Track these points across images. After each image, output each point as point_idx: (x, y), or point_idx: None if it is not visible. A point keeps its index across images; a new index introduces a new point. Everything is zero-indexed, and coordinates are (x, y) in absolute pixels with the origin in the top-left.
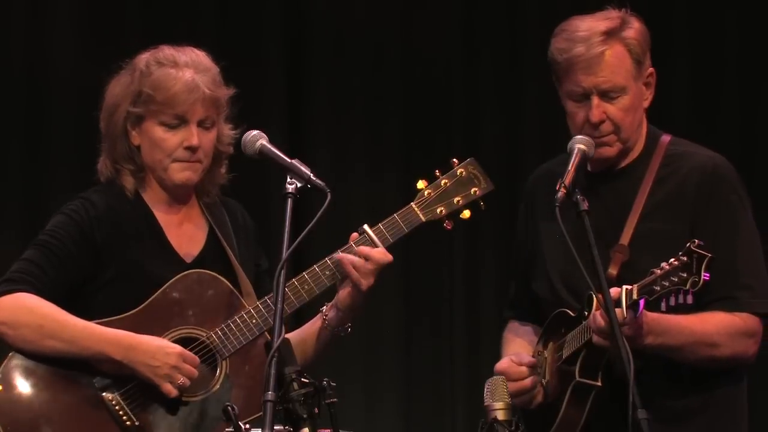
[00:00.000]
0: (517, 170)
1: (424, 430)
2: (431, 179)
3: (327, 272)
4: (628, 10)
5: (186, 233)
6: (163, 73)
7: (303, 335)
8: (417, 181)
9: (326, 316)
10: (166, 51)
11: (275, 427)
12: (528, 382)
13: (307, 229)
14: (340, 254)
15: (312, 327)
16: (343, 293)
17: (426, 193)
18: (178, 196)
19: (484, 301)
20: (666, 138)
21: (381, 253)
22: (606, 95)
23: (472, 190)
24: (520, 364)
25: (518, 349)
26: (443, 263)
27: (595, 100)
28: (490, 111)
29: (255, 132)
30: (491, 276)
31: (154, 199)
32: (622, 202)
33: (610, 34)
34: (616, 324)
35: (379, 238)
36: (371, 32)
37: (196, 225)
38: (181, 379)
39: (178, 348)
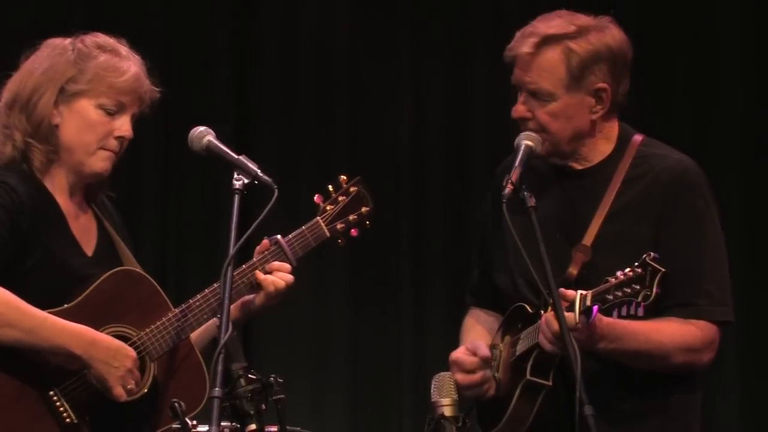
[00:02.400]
0: (463, 169)
1: (371, 427)
2: (325, 195)
3: (245, 280)
4: (611, 19)
5: (83, 225)
6: (111, 58)
7: (202, 333)
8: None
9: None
10: (102, 37)
11: (222, 424)
12: (478, 376)
13: (253, 226)
14: (258, 274)
15: (209, 328)
16: (256, 298)
17: (327, 208)
18: (77, 186)
19: (432, 297)
20: (638, 138)
21: (287, 272)
22: (534, 95)
23: (363, 208)
24: (475, 355)
25: (477, 337)
26: (390, 261)
27: (522, 96)
28: (436, 109)
29: (202, 128)
30: (440, 273)
31: (55, 186)
32: (589, 201)
33: (551, 40)
34: (565, 324)
35: (290, 251)
36: (318, 28)
37: (88, 218)
38: (131, 384)
39: (133, 353)
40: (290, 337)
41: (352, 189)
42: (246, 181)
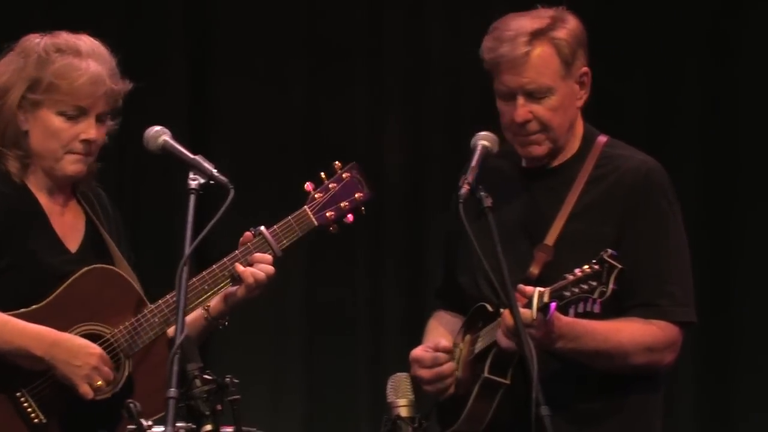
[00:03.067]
0: (421, 170)
1: (327, 427)
2: (317, 182)
3: (225, 272)
4: (565, 8)
5: (67, 222)
6: (67, 62)
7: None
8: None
9: (209, 307)
10: (65, 37)
11: (177, 424)
12: (439, 369)
13: (209, 226)
14: (238, 267)
15: (192, 317)
16: (238, 290)
17: (316, 196)
18: (60, 184)
19: (388, 297)
20: (602, 139)
21: (268, 263)
22: (532, 95)
23: (357, 194)
24: (436, 350)
25: (439, 338)
26: (347, 260)
27: (520, 100)
28: (395, 108)
29: (158, 127)
30: (394, 273)
31: (37, 186)
32: (553, 201)
33: (537, 34)
34: (520, 322)
35: (275, 241)
36: (276, 25)
37: (75, 214)
38: (99, 382)
39: (99, 349)
40: (246, 337)
41: (345, 175)
42: (202, 180)
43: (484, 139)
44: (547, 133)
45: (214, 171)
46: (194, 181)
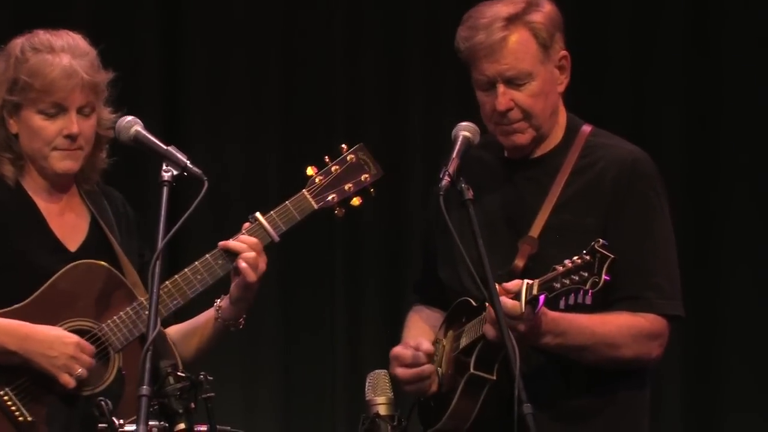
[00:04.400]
0: (401, 161)
1: (303, 426)
2: (320, 166)
3: (220, 261)
4: None
5: (68, 222)
6: (39, 59)
7: (194, 326)
8: (306, 168)
9: (220, 308)
10: (42, 36)
11: (150, 423)
12: (423, 369)
13: (183, 219)
14: (229, 242)
15: (204, 318)
16: (236, 285)
17: (317, 179)
18: (58, 184)
19: (366, 292)
20: (587, 128)
21: (255, 245)
22: (512, 82)
23: (363, 176)
24: (417, 350)
25: (420, 333)
26: (323, 254)
27: (501, 88)
28: (373, 100)
29: (129, 118)
30: (372, 268)
31: (34, 187)
32: (537, 192)
33: (512, 19)
34: (502, 316)
35: (271, 226)
36: (250, 14)
37: (77, 214)
38: (79, 370)
39: (75, 337)
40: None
41: (350, 157)
42: (175, 172)
43: (465, 130)
44: (529, 121)
45: (188, 162)
46: (167, 172)
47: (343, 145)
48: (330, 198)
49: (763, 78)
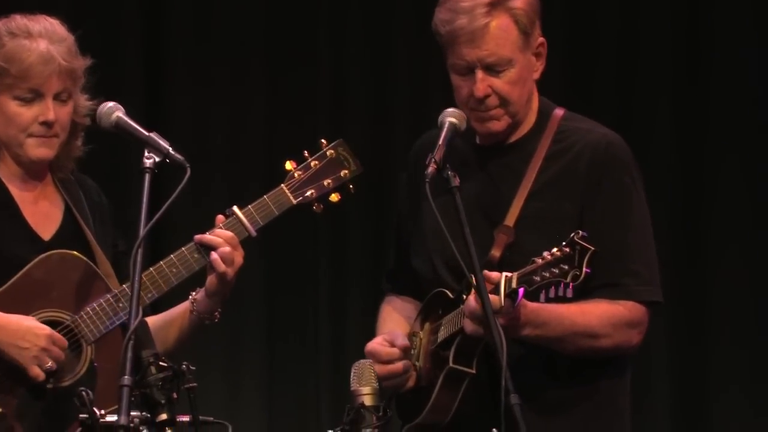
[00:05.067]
0: (386, 151)
1: (287, 417)
2: (299, 160)
3: (195, 255)
4: None
5: (41, 210)
6: (16, 44)
7: (169, 318)
8: (284, 161)
9: (195, 300)
10: (19, 20)
11: (132, 413)
12: (399, 366)
13: (165, 206)
14: (205, 236)
15: (179, 310)
16: (212, 278)
17: (296, 174)
18: (33, 171)
19: (350, 284)
20: (559, 112)
21: (231, 240)
22: (491, 69)
23: (342, 172)
24: (393, 346)
25: (394, 326)
26: (307, 246)
27: (479, 74)
28: (357, 89)
29: (111, 104)
30: (357, 259)
31: (8, 174)
32: (510, 179)
33: (495, 5)
34: (489, 308)
35: (248, 221)
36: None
37: (51, 202)
38: (50, 363)
39: (47, 329)
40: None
41: (329, 152)
42: (157, 159)
43: (451, 116)
44: (506, 108)
45: (170, 149)
46: (149, 159)
47: (323, 140)
48: (309, 193)
49: (752, 63)
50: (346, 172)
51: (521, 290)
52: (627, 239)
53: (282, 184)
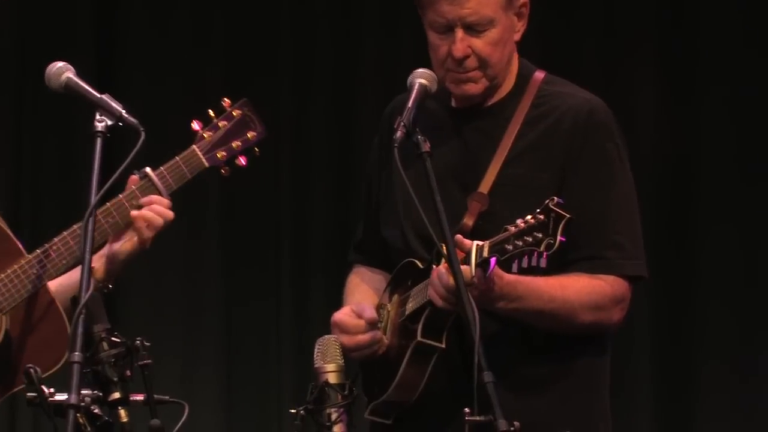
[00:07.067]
0: (351, 115)
1: (246, 396)
2: (206, 121)
3: (110, 220)
4: None
5: None
6: None
7: (65, 284)
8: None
9: (92, 267)
10: None
11: (82, 392)
12: (366, 337)
13: (118, 172)
14: (132, 212)
15: (74, 277)
16: (124, 244)
17: (205, 135)
18: None
19: (313, 257)
20: (540, 75)
21: (166, 207)
22: (471, 28)
23: (249, 134)
24: (360, 317)
25: (362, 297)
26: (267, 216)
27: (459, 33)
28: (321, 48)
29: (60, 64)
30: (321, 232)
31: None
32: (486, 145)
33: None
34: (461, 279)
35: (162, 184)
36: None
37: None
38: None
39: None
40: (158, 297)
41: (235, 113)
42: (109, 122)
43: (421, 77)
44: (484, 70)
45: (123, 111)
46: (101, 123)
47: (226, 100)
48: (219, 155)
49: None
50: (254, 134)
51: (493, 260)
52: (609, 209)
53: (193, 145)
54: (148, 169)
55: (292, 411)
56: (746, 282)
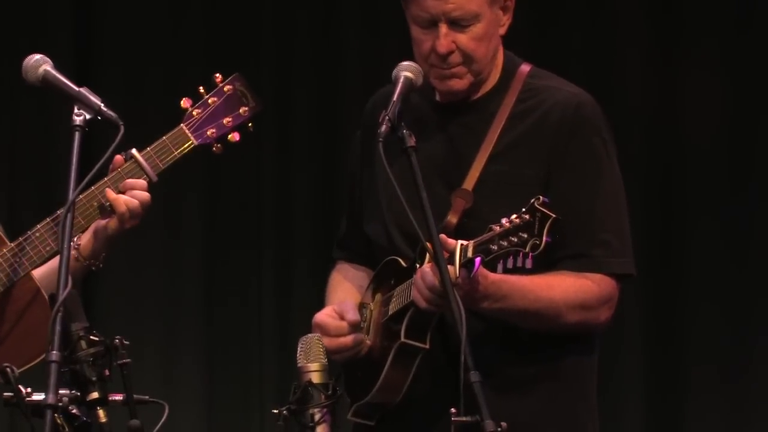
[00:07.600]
0: (335, 109)
1: (228, 396)
2: (196, 98)
3: (95, 203)
4: None
5: None
6: None
7: (52, 268)
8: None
9: (78, 245)
10: None
11: (60, 392)
12: (349, 339)
13: (97, 167)
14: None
15: (56, 265)
16: (109, 223)
17: (194, 113)
18: None
19: (296, 250)
20: (525, 68)
21: (145, 195)
22: (456, 23)
23: (241, 109)
24: (342, 318)
25: (345, 295)
26: (249, 212)
27: (443, 28)
28: (302, 40)
29: (38, 56)
30: (302, 227)
31: None
32: (470, 140)
33: None
34: (448, 278)
35: (149, 165)
36: None
37: None
38: None
39: None
40: (137, 295)
41: (226, 88)
42: (88, 116)
43: (406, 70)
44: (469, 66)
45: (102, 105)
46: (79, 116)
47: (218, 75)
48: (209, 133)
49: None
50: (246, 109)
51: (478, 260)
52: (596, 206)
53: (181, 124)
54: (134, 151)
55: (275, 411)
56: (736, 282)
